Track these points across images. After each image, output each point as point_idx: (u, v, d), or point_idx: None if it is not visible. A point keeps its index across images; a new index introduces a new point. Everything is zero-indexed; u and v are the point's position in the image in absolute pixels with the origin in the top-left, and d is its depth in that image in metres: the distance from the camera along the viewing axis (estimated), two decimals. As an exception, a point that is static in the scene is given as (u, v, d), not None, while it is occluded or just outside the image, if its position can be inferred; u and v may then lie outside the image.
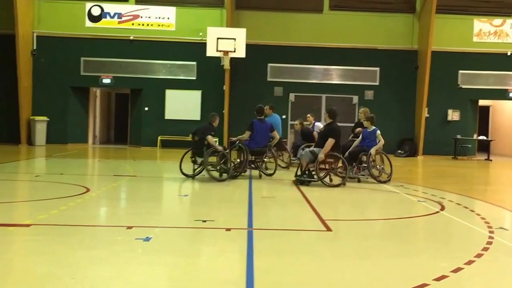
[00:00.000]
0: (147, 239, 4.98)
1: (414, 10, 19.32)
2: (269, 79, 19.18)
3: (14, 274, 3.95)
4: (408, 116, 19.34)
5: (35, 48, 18.56)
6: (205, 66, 18.51)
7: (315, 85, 19.22)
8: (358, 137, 10.81)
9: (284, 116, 18.81)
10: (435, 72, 18.59)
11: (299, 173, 9.57)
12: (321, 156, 9.18)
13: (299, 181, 9.42)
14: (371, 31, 19.04)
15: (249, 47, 17.35)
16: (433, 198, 8.35)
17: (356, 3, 19.11)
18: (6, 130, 18.39)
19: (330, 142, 9.22)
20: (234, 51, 17.15)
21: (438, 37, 18.54)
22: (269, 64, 19.13)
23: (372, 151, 10.11)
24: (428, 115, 18.92)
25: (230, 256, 4.72)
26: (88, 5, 18.68)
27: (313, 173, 9.39)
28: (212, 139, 9.47)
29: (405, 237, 5.82)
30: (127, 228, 5.41)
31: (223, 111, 18.23)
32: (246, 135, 10.26)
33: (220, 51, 17.09)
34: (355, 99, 19.21)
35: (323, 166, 9.57)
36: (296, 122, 13.50)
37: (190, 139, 10.15)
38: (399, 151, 18.88)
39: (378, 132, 10.35)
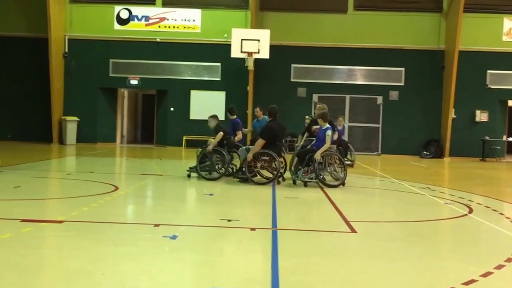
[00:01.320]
0: (174, 237, 5.05)
1: (441, 9, 19.13)
2: (292, 79, 19.29)
3: (48, 268, 4.08)
4: (434, 117, 19.15)
5: (66, 50, 19.14)
6: (229, 67, 18.74)
7: (339, 86, 19.22)
8: (315, 136, 10.00)
9: (307, 117, 18.91)
10: (462, 72, 18.35)
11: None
12: (249, 156, 9.12)
13: (240, 179, 9.43)
14: (396, 31, 18.95)
15: (273, 48, 17.49)
16: (461, 200, 8.19)
17: (381, 2, 19.04)
18: (39, 130, 19.06)
19: (259, 142, 9.17)
20: (258, 52, 17.32)
21: (466, 36, 18.32)
22: (293, 65, 19.24)
23: (317, 155, 9.02)
24: (455, 116, 18.70)
25: (255, 255, 4.74)
26: (117, 8, 19.17)
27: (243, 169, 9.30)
28: (219, 137, 9.66)
29: (432, 240, 5.72)
30: (154, 226, 5.53)
31: (247, 111, 18.43)
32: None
33: (244, 52, 17.29)
34: (380, 99, 19.15)
35: (253, 164, 9.28)
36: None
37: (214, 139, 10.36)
38: (425, 152, 18.72)
39: (329, 132, 9.24)
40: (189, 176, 9.83)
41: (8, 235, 4.89)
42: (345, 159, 12.26)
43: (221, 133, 9.68)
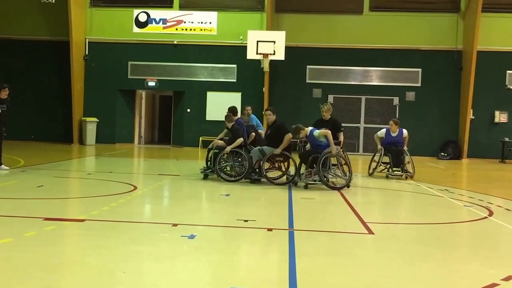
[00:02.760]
0: (192, 236, 5.11)
1: (459, 9, 18.95)
2: (308, 80, 19.33)
3: (71, 266, 4.17)
4: (452, 118, 19.00)
5: (87, 53, 19.51)
6: (245, 68, 18.87)
7: (354, 87, 19.21)
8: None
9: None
10: (480, 73, 18.16)
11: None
12: (277, 151, 9.22)
13: (250, 180, 9.51)
14: (413, 31, 18.85)
15: (288, 49, 17.54)
16: (480, 203, 8.10)
17: (397, 3, 18.96)
18: (60, 130, 19.50)
19: (288, 137, 9.28)
20: (274, 54, 17.38)
21: (484, 37, 18.09)
22: (308, 66, 19.28)
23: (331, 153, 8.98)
24: (473, 117, 18.52)
25: (272, 256, 4.78)
26: (136, 12, 19.46)
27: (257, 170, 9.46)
28: (238, 142, 9.62)
29: (451, 243, 5.66)
30: (172, 226, 5.62)
31: (263, 113, 18.51)
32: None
33: (260, 53, 17.37)
34: (396, 100, 19.08)
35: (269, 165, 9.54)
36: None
37: None
38: (442, 154, 18.59)
39: (316, 131, 9.20)
40: (206, 176, 9.91)
41: (32, 233, 5.01)
42: (395, 169, 11.22)
43: (241, 139, 9.65)
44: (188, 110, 19.50)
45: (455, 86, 19.00)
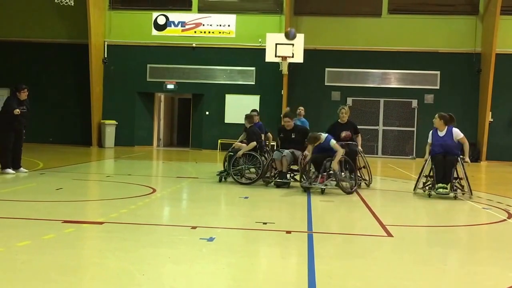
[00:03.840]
0: (211, 239, 5.12)
1: (477, 12, 18.76)
2: (326, 83, 19.30)
3: (90, 268, 4.20)
4: (471, 120, 18.74)
5: (105, 56, 19.77)
6: (264, 71, 18.93)
7: (373, 89, 19.13)
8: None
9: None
10: (499, 75, 17.95)
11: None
12: (306, 153, 8.91)
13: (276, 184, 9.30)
14: (431, 34, 18.71)
15: (307, 52, 17.57)
16: (499, 205, 8.02)
17: (416, 6, 18.84)
18: (79, 133, 19.77)
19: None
20: (292, 56, 17.41)
21: (503, 39, 17.89)
22: (327, 69, 19.25)
23: (334, 164, 8.54)
24: (492, 120, 18.29)
25: (291, 258, 4.77)
26: (155, 14, 19.66)
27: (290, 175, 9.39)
28: (251, 146, 9.64)
29: (470, 245, 5.65)
30: (191, 228, 5.62)
31: (281, 115, 18.54)
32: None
33: (279, 56, 17.42)
34: (414, 103, 18.95)
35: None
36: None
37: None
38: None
39: (332, 141, 8.85)
40: (223, 179, 9.92)
41: (52, 236, 5.05)
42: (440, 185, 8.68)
43: (254, 143, 9.65)
44: (207, 112, 19.62)
45: (474, 88, 18.78)
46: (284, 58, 17.41)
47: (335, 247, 5.15)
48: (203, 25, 19.53)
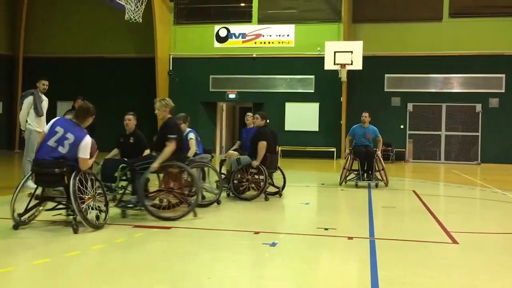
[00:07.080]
0: (273, 244, 5.17)
1: (545, 12, 18.06)
2: (386, 89, 19.24)
3: (158, 271, 4.26)
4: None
5: (171, 68, 20.78)
6: (323, 79, 19.13)
7: (434, 94, 18.82)
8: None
9: (402, 126, 18.88)
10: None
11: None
12: (254, 163, 8.14)
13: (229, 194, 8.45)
14: (495, 36, 18.15)
15: (365, 59, 17.63)
16: None
17: (478, 8, 18.36)
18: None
19: (261, 145, 8.35)
20: (351, 64, 17.56)
21: None
22: (386, 75, 19.19)
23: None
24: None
25: (353, 264, 4.72)
26: (216, 27, 20.45)
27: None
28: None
29: None
30: (254, 233, 5.71)
31: (341, 122, 18.74)
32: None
33: (338, 64, 17.63)
34: (478, 107, 18.46)
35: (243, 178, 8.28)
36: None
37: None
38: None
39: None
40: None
41: (122, 240, 5.25)
42: None
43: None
44: (268, 121, 20.00)
45: (543, 91, 18.05)
46: (343, 65, 17.59)
47: (398, 254, 5.02)
48: (263, 36, 20.07)
